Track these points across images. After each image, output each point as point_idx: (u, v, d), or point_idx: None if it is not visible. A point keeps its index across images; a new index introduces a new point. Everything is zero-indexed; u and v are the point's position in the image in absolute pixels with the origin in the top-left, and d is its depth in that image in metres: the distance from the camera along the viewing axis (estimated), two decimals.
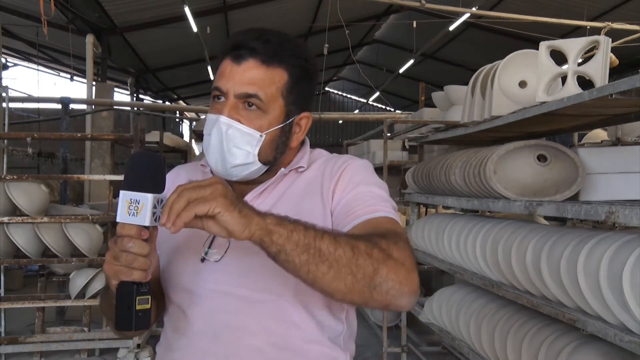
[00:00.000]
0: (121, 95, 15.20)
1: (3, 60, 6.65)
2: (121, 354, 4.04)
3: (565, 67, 2.15)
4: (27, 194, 3.92)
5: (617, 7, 9.44)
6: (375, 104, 21.74)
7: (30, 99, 10.59)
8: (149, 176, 0.85)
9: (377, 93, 15.34)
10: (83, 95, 8.88)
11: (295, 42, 1.08)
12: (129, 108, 11.22)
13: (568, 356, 2.02)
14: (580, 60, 2.22)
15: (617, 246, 1.77)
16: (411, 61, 12.62)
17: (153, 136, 6.94)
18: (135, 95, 13.82)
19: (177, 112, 14.28)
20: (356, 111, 21.08)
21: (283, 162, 1.10)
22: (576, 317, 1.87)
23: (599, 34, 4.68)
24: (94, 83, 9.16)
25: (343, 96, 23.07)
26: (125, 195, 0.84)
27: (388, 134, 4.27)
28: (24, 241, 3.95)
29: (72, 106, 6.49)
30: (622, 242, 1.77)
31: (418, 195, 3.73)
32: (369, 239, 0.90)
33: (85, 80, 8.96)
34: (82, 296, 4.05)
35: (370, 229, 0.97)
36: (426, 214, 5.36)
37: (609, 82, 1.85)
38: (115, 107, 8.61)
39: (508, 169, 2.36)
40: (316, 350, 1.04)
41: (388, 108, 18.27)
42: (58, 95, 6.21)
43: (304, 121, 1.10)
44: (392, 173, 4.87)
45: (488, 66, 2.79)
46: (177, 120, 16.16)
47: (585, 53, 2.31)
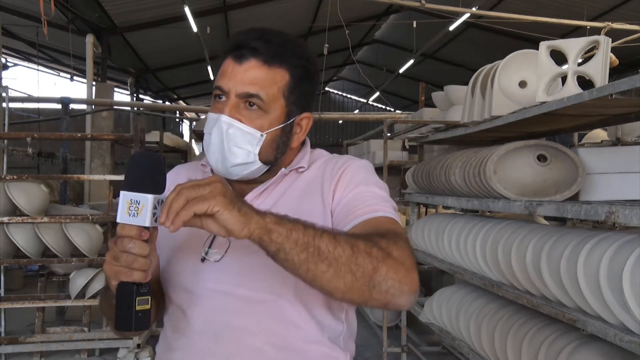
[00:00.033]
0: (121, 95, 15.20)
1: (3, 60, 6.65)
2: (121, 354, 4.04)
3: (565, 67, 2.15)
4: (27, 194, 3.92)
5: (617, 7, 9.44)
6: (375, 104, 21.73)
7: (30, 99, 10.59)
8: (149, 176, 0.85)
9: (377, 93, 15.34)
10: (83, 95, 8.88)
11: (297, 43, 1.08)
12: (129, 108, 11.23)
13: (568, 356, 2.02)
14: (580, 60, 2.22)
15: (617, 246, 1.77)
16: (411, 61, 12.62)
17: (153, 136, 6.94)
18: (135, 95, 13.82)
19: (177, 112, 14.30)
20: (356, 111, 21.08)
21: (284, 163, 1.10)
22: (576, 317, 1.87)
23: (599, 34, 4.68)
24: (94, 83, 9.16)
25: (343, 96, 23.06)
26: (125, 195, 0.84)
27: (388, 134, 4.27)
28: (24, 241, 3.95)
29: (72, 106, 6.49)
30: (622, 242, 1.77)
31: (418, 195, 3.73)
32: (369, 238, 0.90)
33: (85, 80, 8.96)
34: (82, 296, 4.05)
35: (370, 229, 0.97)
36: (426, 214, 5.36)
37: (609, 82, 1.85)
38: (115, 107, 8.61)
39: (508, 169, 2.36)
40: (316, 350, 1.04)
41: (388, 108, 18.26)
42: (58, 95, 6.22)
43: (305, 122, 1.10)
44: (392, 173, 4.87)
45: (488, 66, 2.79)
46: (177, 120, 16.17)
47: (585, 53, 2.31)
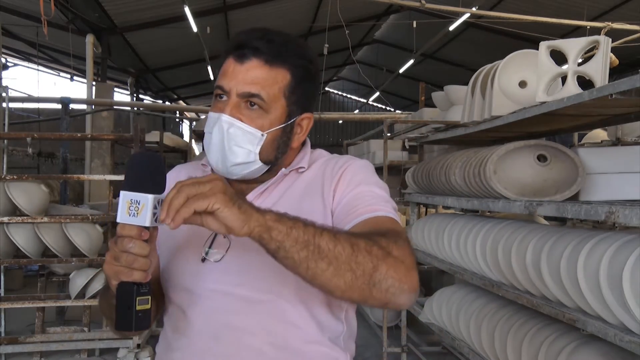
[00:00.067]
0: (121, 95, 15.20)
1: (3, 60, 6.65)
2: (121, 354, 4.04)
3: (565, 67, 2.15)
4: (27, 194, 3.92)
5: (617, 7, 9.44)
6: (375, 104, 21.73)
7: (30, 99, 10.60)
8: (149, 176, 0.85)
9: (377, 93, 15.34)
10: (83, 95, 8.88)
11: (298, 43, 1.08)
12: (129, 108, 11.23)
13: (568, 356, 2.02)
14: (580, 60, 2.22)
15: (617, 246, 1.77)
16: (411, 61, 12.61)
17: (153, 136, 6.94)
18: (135, 95, 13.82)
19: (177, 112, 14.30)
20: (356, 111, 21.08)
21: (284, 163, 1.10)
22: (576, 317, 1.87)
23: (599, 34, 4.68)
24: (94, 83, 9.16)
25: (343, 96, 23.06)
26: (125, 195, 0.83)
27: (388, 134, 4.27)
28: (24, 241, 3.95)
29: (72, 106, 6.49)
30: (622, 242, 1.77)
31: (418, 195, 3.73)
32: (369, 237, 0.90)
33: (85, 80, 8.96)
34: (82, 296, 4.05)
35: (370, 228, 0.97)
36: (426, 214, 5.36)
37: (609, 82, 1.85)
38: (115, 107, 8.61)
39: (508, 169, 2.36)
40: (316, 350, 1.04)
41: (388, 108, 18.26)
42: (58, 95, 6.22)
43: (306, 122, 1.10)
44: (392, 173, 4.86)
45: (488, 66, 2.79)
46: (177, 120, 16.17)
47: (585, 53, 2.31)
